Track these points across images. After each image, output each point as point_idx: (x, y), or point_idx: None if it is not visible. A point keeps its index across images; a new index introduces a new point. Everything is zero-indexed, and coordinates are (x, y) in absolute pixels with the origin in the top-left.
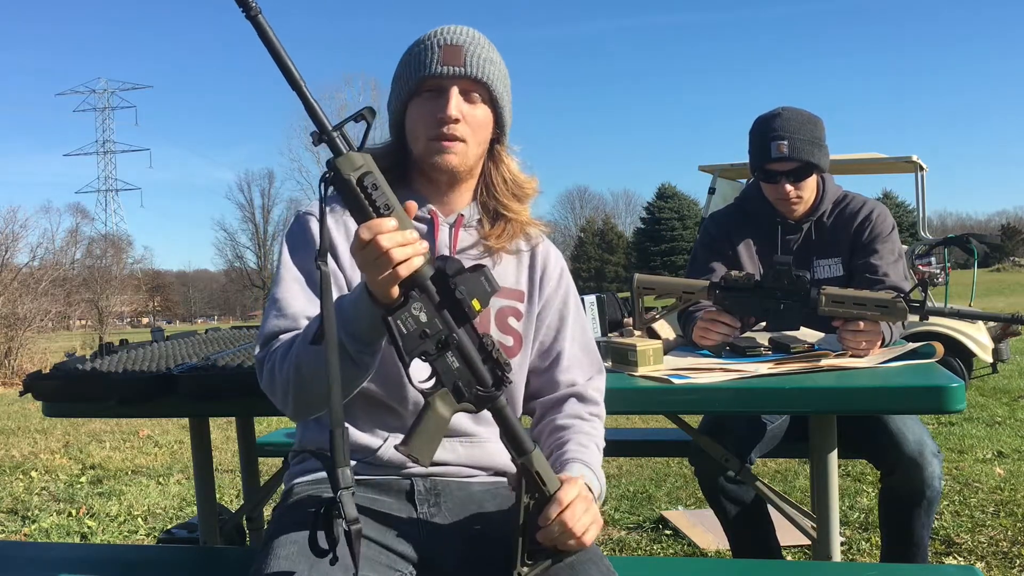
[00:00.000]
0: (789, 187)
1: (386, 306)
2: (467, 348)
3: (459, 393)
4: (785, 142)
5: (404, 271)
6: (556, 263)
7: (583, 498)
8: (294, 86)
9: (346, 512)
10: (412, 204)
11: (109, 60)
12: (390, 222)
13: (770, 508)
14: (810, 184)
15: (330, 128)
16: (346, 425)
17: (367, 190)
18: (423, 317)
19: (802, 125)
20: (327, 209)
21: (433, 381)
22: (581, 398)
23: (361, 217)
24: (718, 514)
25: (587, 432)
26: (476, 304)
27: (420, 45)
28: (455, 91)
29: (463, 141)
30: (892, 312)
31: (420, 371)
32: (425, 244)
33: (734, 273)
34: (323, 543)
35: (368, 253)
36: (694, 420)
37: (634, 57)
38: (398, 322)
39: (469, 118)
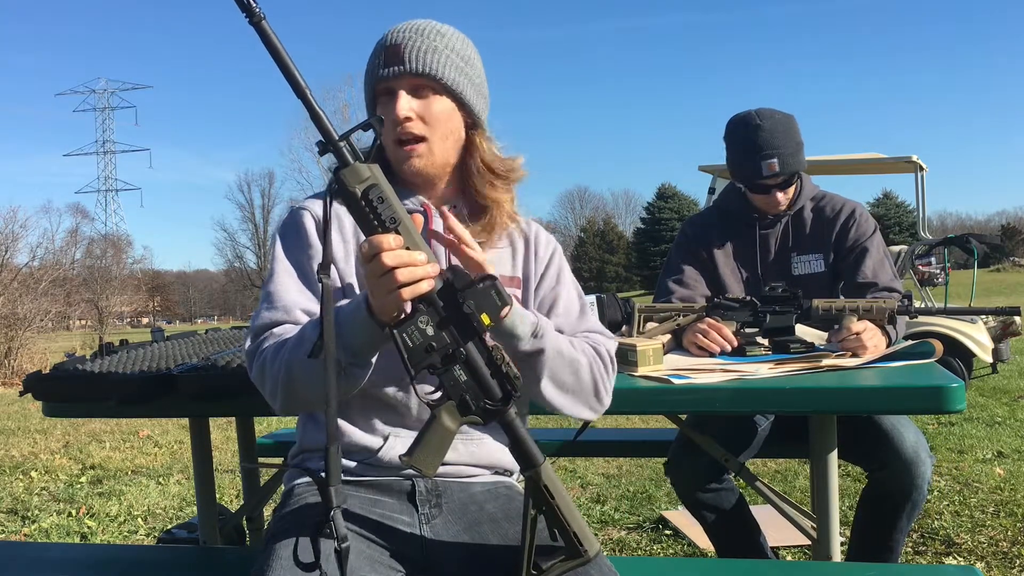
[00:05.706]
0: (781, 195)
1: (389, 321)
2: (475, 362)
3: (466, 406)
4: (775, 160)
5: (408, 295)
6: (547, 245)
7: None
8: (299, 94)
9: (337, 531)
10: (418, 217)
11: (109, 60)
12: (392, 239)
13: (769, 509)
14: (795, 184)
15: (336, 137)
16: (340, 424)
17: (373, 204)
18: (430, 331)
19: (785, 135)
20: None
21: (440, 394)
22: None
23: (367, 231)
24: (702, 523)
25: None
26: (485, 318)
27: (373, 50)
28: (402, 92)
29: (424, 139)
30: (877, 311)
31: (427, 382)
32: (436, 266)
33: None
34: (311, 556)
35: (372, 269)
36: None
37: (634, 57)
38: (404, 335)
39: (425, 114)
